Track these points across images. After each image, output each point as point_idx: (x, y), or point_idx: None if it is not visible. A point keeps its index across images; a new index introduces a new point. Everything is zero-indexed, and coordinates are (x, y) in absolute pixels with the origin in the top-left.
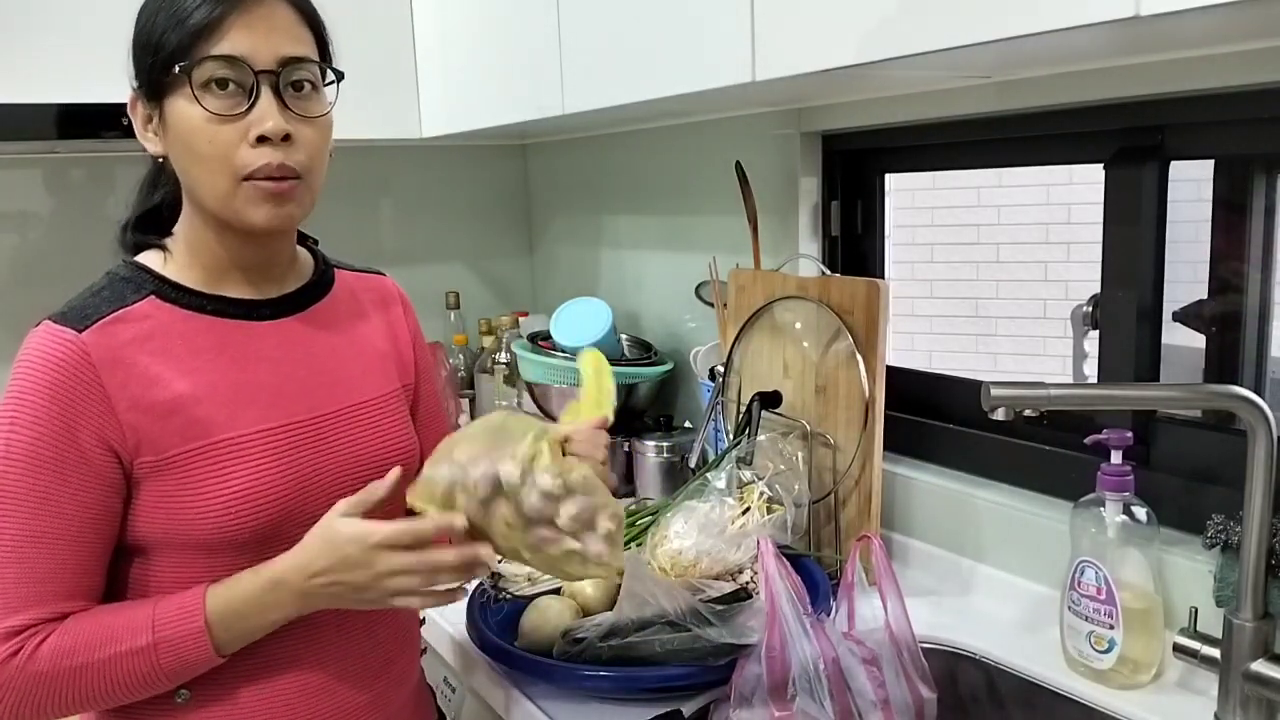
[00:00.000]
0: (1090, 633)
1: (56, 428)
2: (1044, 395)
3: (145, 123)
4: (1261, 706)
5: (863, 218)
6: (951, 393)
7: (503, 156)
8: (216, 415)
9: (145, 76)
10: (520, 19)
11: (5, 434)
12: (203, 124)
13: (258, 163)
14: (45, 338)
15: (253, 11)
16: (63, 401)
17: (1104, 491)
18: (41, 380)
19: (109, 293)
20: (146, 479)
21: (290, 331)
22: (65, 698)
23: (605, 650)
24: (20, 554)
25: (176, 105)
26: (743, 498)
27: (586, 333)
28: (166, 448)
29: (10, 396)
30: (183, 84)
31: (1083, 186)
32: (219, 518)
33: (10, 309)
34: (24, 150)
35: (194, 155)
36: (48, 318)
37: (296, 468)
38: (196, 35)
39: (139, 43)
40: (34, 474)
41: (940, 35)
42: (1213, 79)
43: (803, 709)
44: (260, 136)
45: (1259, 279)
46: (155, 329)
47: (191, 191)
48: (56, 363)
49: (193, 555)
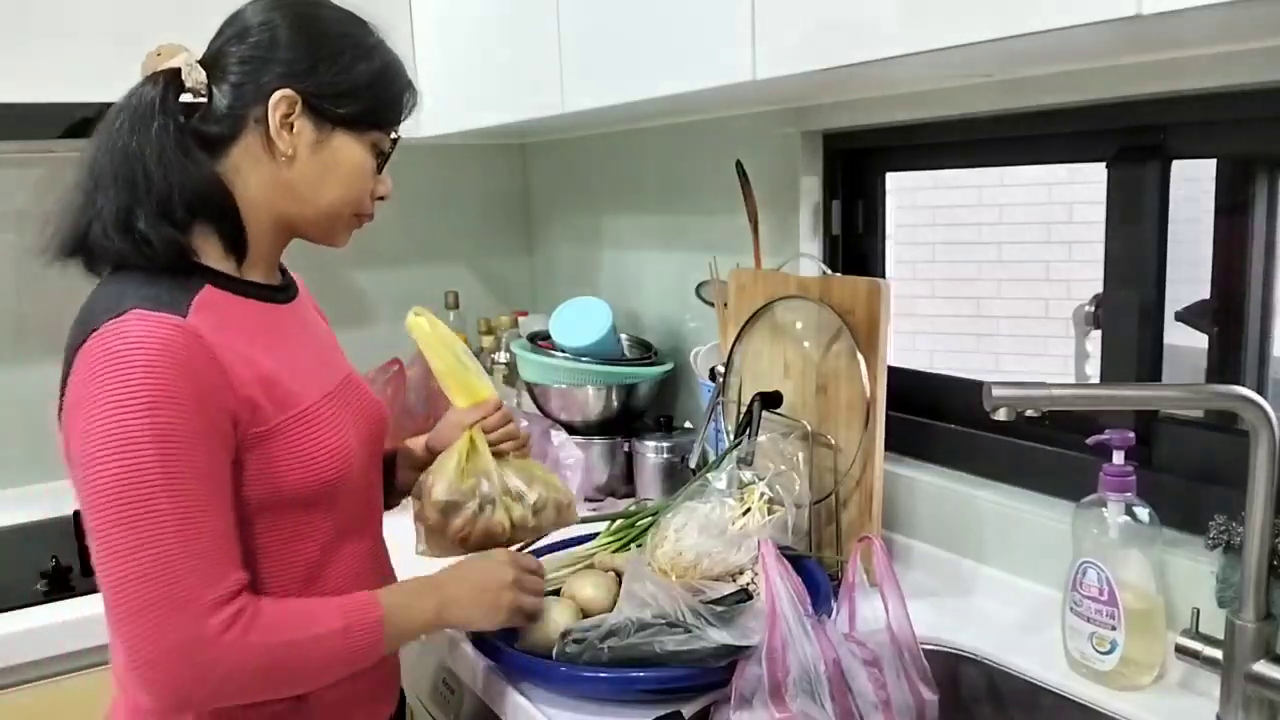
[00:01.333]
0: (1092, 634)
1: (196, 406)
2: (1046, 395)
3: (284, 120)
4: (1264, 707)
5: (864, 217)
6: (953, 393)
7: (503, 156)
8: (294, 386)
9: (341, 104)
10: (520, 18)
11: (148, 417)
12: (367, 173)
13: (370, 209)
14: (153, 324)
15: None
16: (194, 381)
17: (1106, 492)
18: (167, 363)
19: (168, 281)
20: (254, 447)
21: (297, 314)
22: (268, 673)
23: (605, 652)
24: (200, 528)
25: (351, 144)
26: (743, 498)
27: (586, 333)
28: (269, 418)
29: (135, 382)
30: (375, 139)
31: (1084, 186)
32: (319, 475)
33: (10, 309)
34: (24, 150)
35: (345, 186)
36: (133, 308)
37: (350, 426)
38: (401, 115)
39: (352, 79)
40: (190, 450)
41: (941, 35)
42: (1214, 78)
43: (803, 710)
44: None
45: (1261, 278)
46: (226, 314)
47: (304, 201)
48: (179, 346)
49: (289, 515)
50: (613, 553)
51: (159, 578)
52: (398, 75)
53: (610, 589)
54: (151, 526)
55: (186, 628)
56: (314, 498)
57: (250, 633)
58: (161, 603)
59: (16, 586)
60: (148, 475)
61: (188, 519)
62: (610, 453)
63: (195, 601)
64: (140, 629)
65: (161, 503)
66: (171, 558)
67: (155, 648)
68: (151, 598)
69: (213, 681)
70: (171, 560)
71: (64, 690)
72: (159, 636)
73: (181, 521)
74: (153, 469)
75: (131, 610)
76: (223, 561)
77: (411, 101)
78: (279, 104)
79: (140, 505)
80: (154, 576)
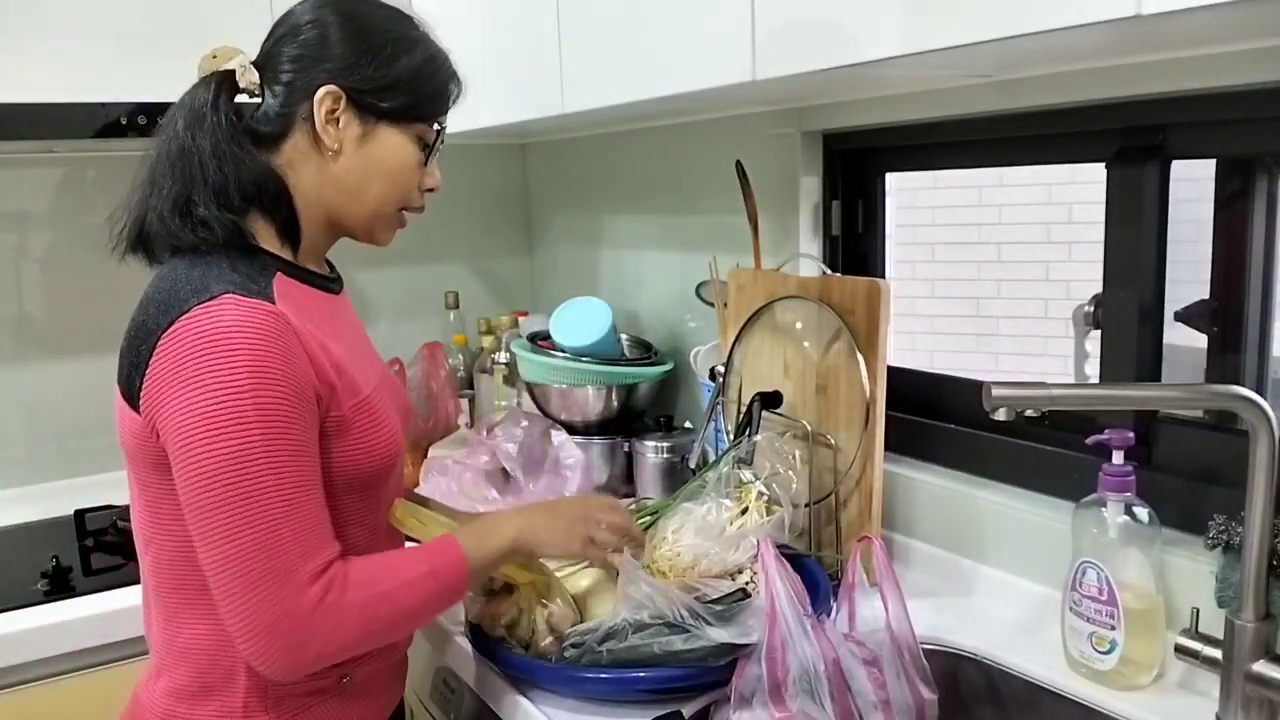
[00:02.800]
0: (1091, 633)
1: (293, 388)
2: (1045, 395)
3: (329, 116)
4: (1263, 707)
5: (863, 217)
6: (953, 393)
7: (503, 156)
8: (357, 375)
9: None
10: (520, 19)
11: (253, 399)
12: (414, 165)
13: (419, 202)
14: (249, 310)
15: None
16: (290, 364)
17: (1105, 492)
18: (267, 346)
19: (245, 268)
20: (326, 433)
21: (346, 304)
22: (369, 627)
23: (604, 655)
24: (301, 505)
25: (400, 139)
26: (740, 498)
27: (586, 333)
28: (342, 403)
29: (239, 365)
30: (419, 131)
31: (1084, 186)
32: (379, 459)
33: (10, 309)
34: (24, 150)
35: (391, 180)
36: (225, 291)
37: (397, 414)
38: (446, 107)
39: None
40: (291, 431)
41: (941, 35)
42: (1214, 78)
43: (803, 710)
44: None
45: (1260, 278)
46: (299, 300)
47: (350, 196)
48: (272, 330)
49: (352, 497)
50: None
51: (264, 554)
52: (441, 67)
53: (609, 590)
54: (258, 506)
55: (289, 599)
56: (369, 482)
57: (346, 593)
58: (268, 578)
59: (16, 586)
60: (254, 456)
61: (290, 499)
62: (610, 453)
63: (295, 574)
64: (249, 604)
65: (267, 482)
66: (278, 535)
67: (262, 620)
68: (258, 574)
69: (317, 644)
70: (278, 537)
71: (64, 690)
72: (266, 609)
73: (285, 501)
74: (258, 450)
75: (241, 586)
76: (321, 536)
77: (456, 92)
78: (324, 99)
79: (247, 485)
80: (260, 553)
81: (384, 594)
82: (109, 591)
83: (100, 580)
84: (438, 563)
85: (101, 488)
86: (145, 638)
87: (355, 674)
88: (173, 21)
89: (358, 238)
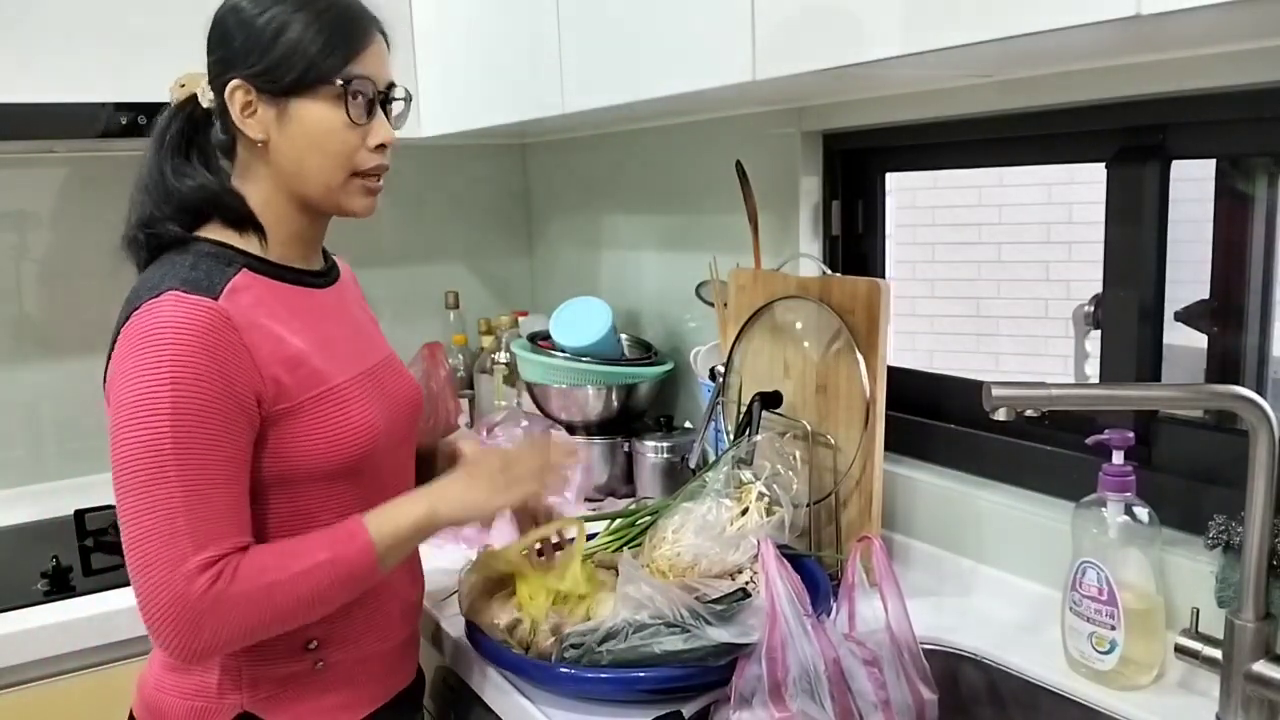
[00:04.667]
0: (1091, 633)
1: (218, 383)
2: (1045, 395)
3: (244, 109)
4: (1263, 707)
5: (863, 217)
6: (952, 393)
7: (502, 156)
8: (324, 367)
9: (277, 75)
10: (520, 18)
11: (170, 392)
12: (340, 128)
13: (371, 163)
14: (184, 306)
15: (377, 43)
16: (219, 359)
17: (1105, 492)
18: (194, 343)
19: (206, 266)
20: (278, 423)
21: (337, 297)
22: (260, 615)
23: (604, 655)
24: (203, 496)
25: (314, 107)
26: (740, 498)
27: (586, 333)
28: (296, 396)
29: (163, 360)
30: (330, 93)
31: (1084, 186)
32: (342, 451)
33: (10, 309)
34: (24, 150)
35: (321, 150)
36: (170, 289)
37: (379, 405)
38: (352, 56)
39: (278, 47)
40: (205, 424)
41: (940, 35)
42: (1214, 78)
43: (803, 710)
44: (379, 144)
45: (1260, 279)
46: (259, 297)
47: (299, 177)
48: (205, 326)
49: (315, 487)
50: (612, 552)
51: (159, 541)
52: (328, 23)
53: (609, 590)
54: (160, 494)
55: (177, 586)
56: (337, 472)
57: (232, 584)
58: (159, 564)
59: (16, 586)
60: (162, 446)
61: (193, 489)
62: (610, 453)
63: (185, 563)
64: (141, 587)
65: (171, 472)
66: (173, 524)
67: (154, 604)
68: (151, 558)
69: (208, 632)
70: (173, 526)
71: (64, 690)
72: (157, 594)
73: (187, 492)
74: (166, 441)
75: (135, 569)
76: (222, 528)
77: (357, 39)
78: (234, 96)
79: (152, 473)
80: (155, 539)
81: (276, 583)
82: (109, 591)
83: (100, 580)
84: (339, 550)
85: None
86: None
87: (330, 659)
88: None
89: (331, 212)
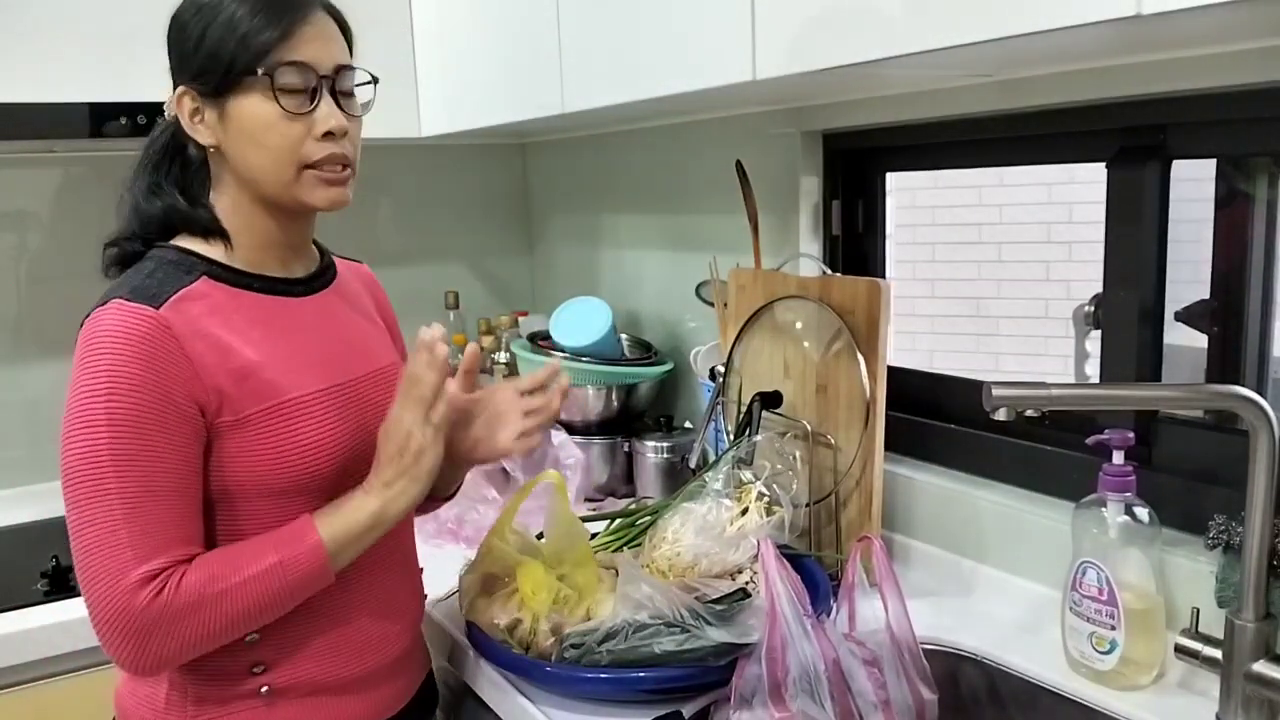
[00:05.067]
0: (1092, 633)
1: (155, 393)
2: (1046, 395)
3: (193, 116)
4: (1263, 707)
5: (864, 217)
6: (953, 393)
7: (502, 156)
8: (281, 379)
9: (209, 77)
10: (520, 19)
11: (106, 403)
12: (277, 120)
13: (321, 153)
14: (125, 315)
15: (314, 24)
16: (156, 369)
17: (1105, 492)
18: (131, 352)
19: (163, 274)
20: (225, 435)
21: (320, 306)
22: (205, 627)
23: (604, 655)
24: (143, 508)
25: (247, 103)
26: (740, 498)
27: (586, 333)
28: (243, 408)
29: (100, 370)
30: (258, 86)
31: (1084, 186)
32: (293, 467)
33: (10, 308)
34: (24, 150)
35: (262, 146)
36: (115, 298)
37: (348, 422)
38: (274, 44)
39: (204, 47)
40: (142, 435)
41: (941, 35)
42: (1214, 78)
43: (803, 710)
44: (326, 132)
45: (1261, 278)
46: (215, 305)
47: (250, 178)
48: (143, 336)
49: (267, 502)
50: (612, 552)
51: (102, 553)
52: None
53: (609, 591)
54: (101, 506)
55: (121, 599)
56: (290, 488)
57: (177, 595)
58: (103, 576)
59: (16, 586)
60: (99, 458)
61: (133, 501)
62: (610, 453)
63: (128, 576)
64: (88, 600)
65: (110, 484)
66: (115, 536)
67: (100, 616)
68: (96, 571)
69: (155, 645)
70: (115, 539)
71: (64, 690)
72: (102, 606)
73: (127, 504)
74: (104, 452)
75: (81, 582)
76: (165, 540)
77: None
78: (180, 106)
79: (91, 485)
80: (98, 552)
81: (223, 592)
82: None
83: None
84: (288, 552)
85: None
86: None
87: (276, 684)
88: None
89: (292, 209)
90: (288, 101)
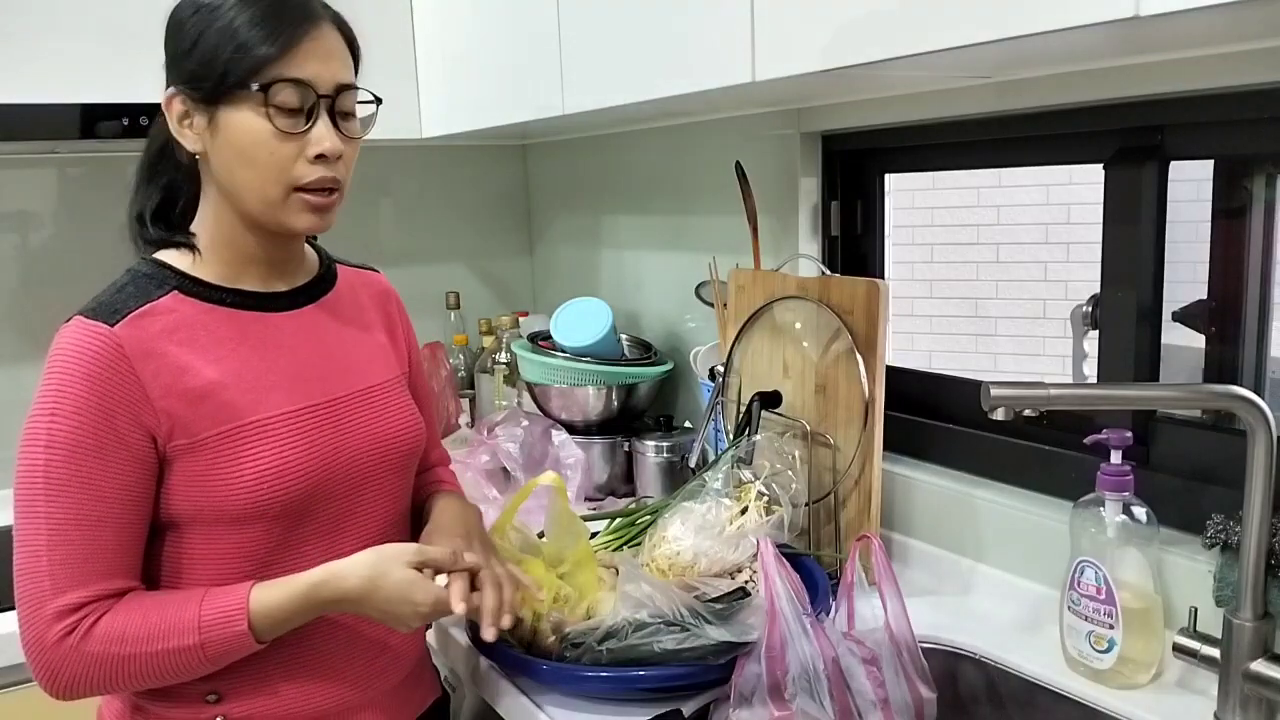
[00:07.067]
0: (1090, 632)
1: (96, 416)
2: (1044, 395)
3: (182, 120)
4: (1261, 706)
5: (862, 218)
6: (951, 393)
7: (503, 156)
8: (243, 400)
9: (201, 83)
10: (520, 19)
11: (47, 423)
12: (268, 138)
13: (311, 176)
14: (79, 333)
15: (317, 39)
16: (100, 391)
17: (1103, 491)
18: (78, 372)
19: (133, 288)
20: (179, 459)
21: (304, 321)
22: (113, 680)
23: (604, 654)
24: (67, 536)
25: (239, 116)
26: (740, 498)
27: (586, 333)
28: (198, 431)
29: (49, 388)
30: (252, 100)
31: (1082, 186)
32: (250, 493)
33: (11, 308)
34: (24, 150)
35: (250, 163)
36: (78, 313)
37: (319, 446)
38: (271, 59)
39: (198, 51)
40: (77, 460)
41: (940, 35)
42: (1212, 79)
43: (802, 709)
44: (319, 154)
45: (1258, 279)
46: (180, 321)
47: (234, 193)
48: (93, 355)
49: (224, 529)
50: (612, 551)
51: (25, 578)
52: (253, 18)
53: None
54: (29, 529)
55: (37, 628)
56: (248, 514)
57: (85, 642)
58: (25, 601)
59: None
60: (34, 480)
61: (57, 529)
62: (610, 452)
63: (44, 607)
64: (18, 618)
65: (39, 508)
66: (37, 563)
67: (22, 639)
68: (21, 593)
69: (65, 679)
70: (36, 565)
71: None
72: (24, 630)
73: (51, 530)
74: (39, 475)
75: (15, 600)
76: (85, 574)
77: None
78: (170, 108)
79: (25, 506)
80: (23, 576)
81: (131, 656)
82: None
83: None
84: (210, 635)
85: None
86: None
87: (231, 715)
88: None
89: (274, 229)
90: (281, 120)
